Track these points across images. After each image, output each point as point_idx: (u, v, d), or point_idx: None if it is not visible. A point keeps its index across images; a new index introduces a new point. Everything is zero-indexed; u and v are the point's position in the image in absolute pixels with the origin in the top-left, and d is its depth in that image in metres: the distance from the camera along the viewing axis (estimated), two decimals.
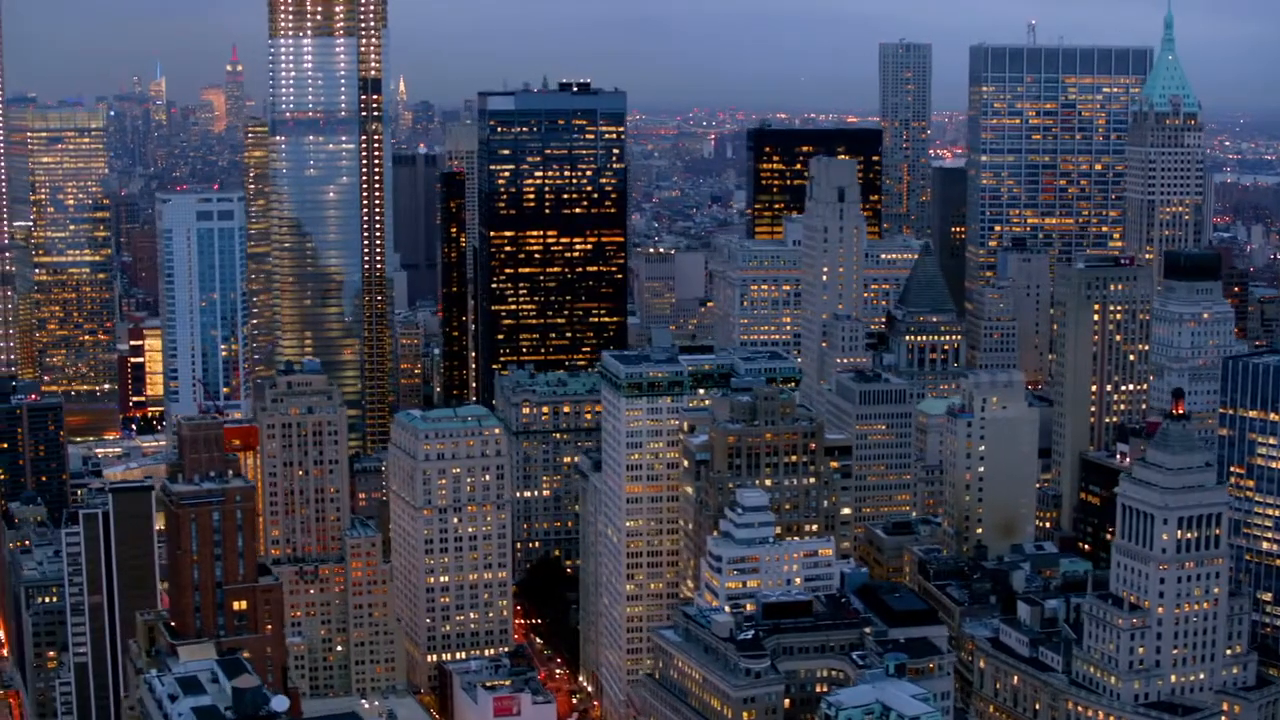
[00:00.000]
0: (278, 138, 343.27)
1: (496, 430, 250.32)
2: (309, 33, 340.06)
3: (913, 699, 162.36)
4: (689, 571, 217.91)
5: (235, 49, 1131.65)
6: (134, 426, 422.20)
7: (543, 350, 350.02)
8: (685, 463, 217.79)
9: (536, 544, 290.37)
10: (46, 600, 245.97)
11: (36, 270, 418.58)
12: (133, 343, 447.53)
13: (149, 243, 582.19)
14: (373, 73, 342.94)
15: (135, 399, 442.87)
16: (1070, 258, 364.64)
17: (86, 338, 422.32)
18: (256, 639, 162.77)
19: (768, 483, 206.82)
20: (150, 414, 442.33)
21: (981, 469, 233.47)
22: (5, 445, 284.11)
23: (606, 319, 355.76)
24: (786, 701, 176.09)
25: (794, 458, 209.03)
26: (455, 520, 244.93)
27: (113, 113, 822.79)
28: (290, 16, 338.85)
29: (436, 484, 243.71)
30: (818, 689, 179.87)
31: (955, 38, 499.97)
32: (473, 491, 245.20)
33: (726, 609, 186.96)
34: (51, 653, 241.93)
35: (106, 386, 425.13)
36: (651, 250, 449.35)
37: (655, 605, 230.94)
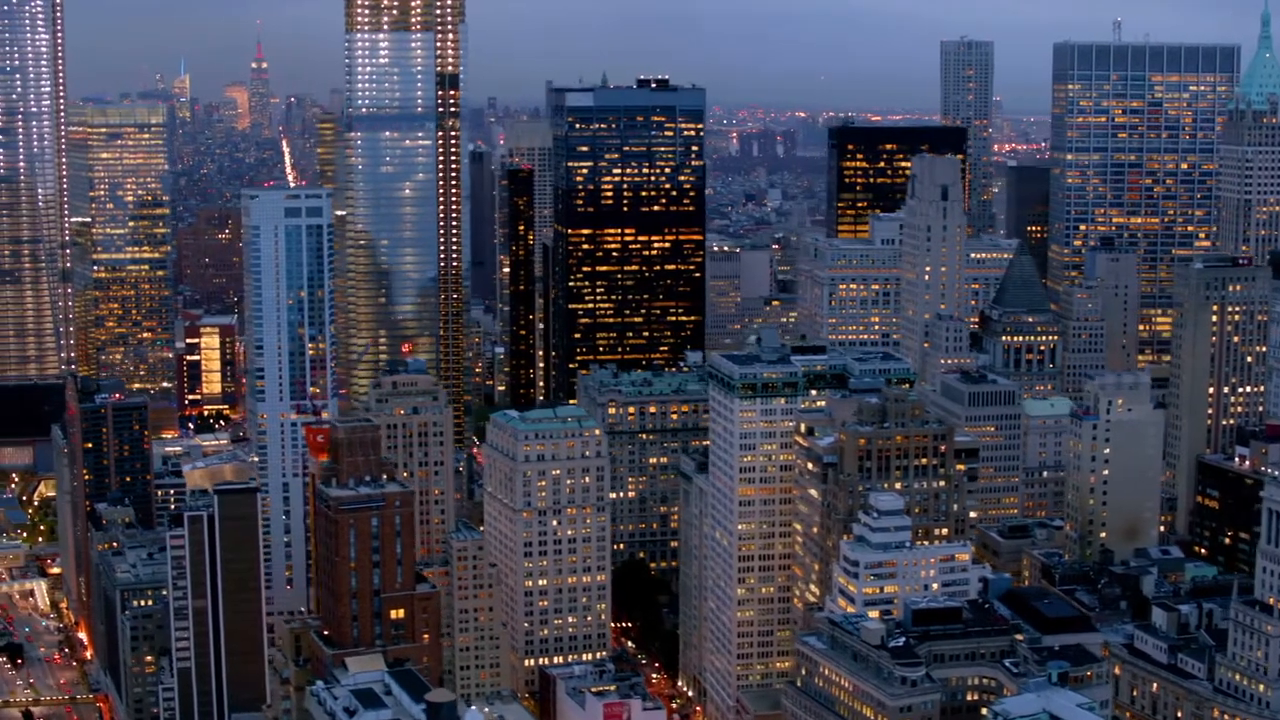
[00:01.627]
0: (353, 134, 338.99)
1: (597, 431, 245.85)
2: (385, 27, 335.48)
3: (1079, 708, 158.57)
4: (811, 575, 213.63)
5: (260, 46, 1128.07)
6: (191, 425, 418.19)
7: (619, 349, 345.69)
8: (809, 465, 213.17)
9: (621, 546, 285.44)
10: (142, 604, 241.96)
11: (95, 267, 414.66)
12: (188, 340, 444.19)
13: (191, 239, 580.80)
14: (449, 68, 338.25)
15: (190, 397, 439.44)
16: (1156, 257, 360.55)
17: (145, 335, 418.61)
18: (414, 648, 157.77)
19: (897, 486, 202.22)
20: (206, 412, 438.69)
21: (1106, 472, 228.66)
22: (90, 445, 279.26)
23: (684, 318, 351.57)
24: None
25: (924, 460, 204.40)
26: (555, 523, 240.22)
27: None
28: (366, 11, 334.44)
29: (536, 486, 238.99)
30: (969, 697, 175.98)
31: (983, 34, 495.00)
32: (572, 493, 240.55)
33: (873, 614, 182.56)
34: (149, 657, 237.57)
35: (164, 385, 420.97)
36: (716, 248, 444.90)
37: (766, 610, 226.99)
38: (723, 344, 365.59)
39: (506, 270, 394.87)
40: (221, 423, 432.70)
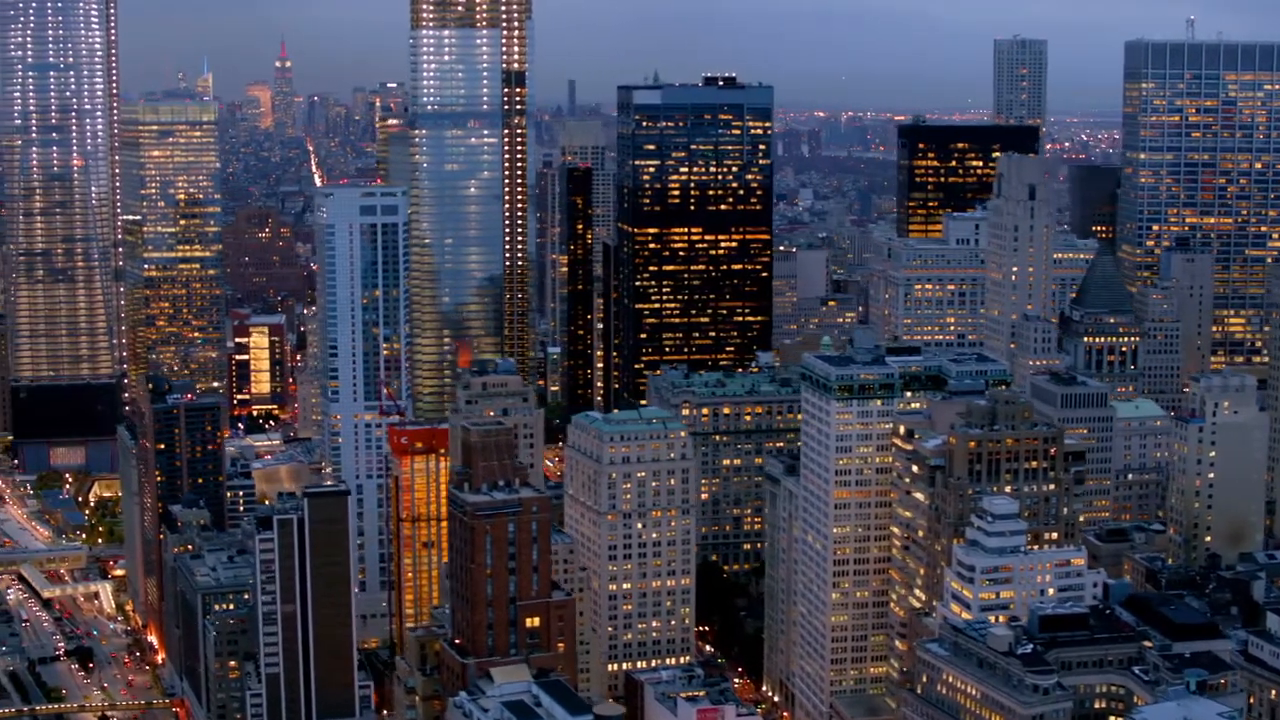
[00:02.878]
0: (418, 131, 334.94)
1: (682, 433, 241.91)
2: (451, 24, 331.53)
3: (1220, 718, 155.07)
4: (916, 580, 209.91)
5: (284, 45, 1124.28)
6: (241, 426, 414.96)
7: (686, 350, 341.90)
8: (914, 468, 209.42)
9: (694, 548, 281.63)
10: (223, 608, 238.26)
11: (146, 266, 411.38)
12: (237, 340, 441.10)
13: (231, 239, 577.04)
14: (516, 65, 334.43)
15: (238, 397, 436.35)
16: (1229, 258, 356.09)
17: (196, 335, 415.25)
18: (550, 657, 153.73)
19: (1007, 489, 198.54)
20: (255, 412, 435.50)
21: (1211, 475, 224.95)
22: (162, 446, 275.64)
23: (750, 318, 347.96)
24: None
25: (1034, 463, 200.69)
26: (639, 525, 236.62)
27: None
28: (432, 7, 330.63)
29: (621, 488, 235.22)
30: (1096, 705, 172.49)
31: (995, 33, 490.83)
32: (657, 496, 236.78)
33: (994, 619, 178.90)
34: (233, 662, 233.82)
35: (213, 384, 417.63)
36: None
37: (860, 614, 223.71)
38: (783, 344, 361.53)
39: (564, 270, 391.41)
40: (271, 423, 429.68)
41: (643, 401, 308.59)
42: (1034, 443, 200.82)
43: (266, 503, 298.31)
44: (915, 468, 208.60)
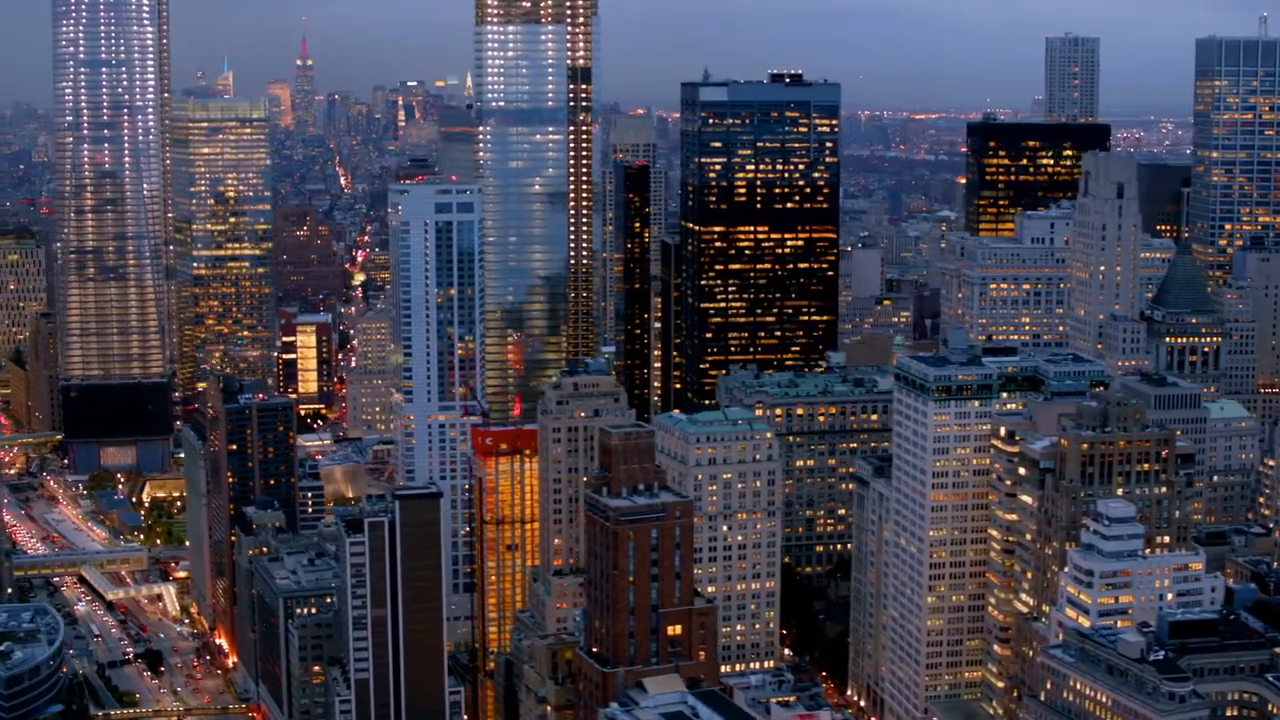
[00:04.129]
0: (482, 128, 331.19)
1: (768, 434, 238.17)
2: (516, 20, 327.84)
3: None
4: (1023, 584, 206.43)
5: (305, 43, 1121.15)
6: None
7: (751, 349, 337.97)
8: (1020, 470, 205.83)
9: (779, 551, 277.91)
10: (306, 611, 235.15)
11: (195, 264, 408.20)
12: (284, 339, 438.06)
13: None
14: (581, 61, 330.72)
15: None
16: None
17: (245, 334, 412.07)
18: (694, 666, 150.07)
19: (1119, 492, 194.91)
20: (304, 412, 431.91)
21: None
22: (234, 447, 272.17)
23: (816, 317, 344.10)
24: None
25: (1146, 466, 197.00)
26: (725, 528, 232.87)
27: None
28: (497, 3, 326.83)
29: (707, 490, 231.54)
30: (1229, 713, 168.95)
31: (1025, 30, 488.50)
32: (743, 498, 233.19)
33: (1119, 623, 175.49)
34: (317, 667, 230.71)
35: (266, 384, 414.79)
36: None
37: (956, 618, 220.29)
38: (841, 344, 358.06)
39: (619, 269, 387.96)
40: (319, 423, 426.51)
41: (707, 401, 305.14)
42: (1147, 445, 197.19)
43: (329, 504, 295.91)
44: (1021, 470, 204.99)
